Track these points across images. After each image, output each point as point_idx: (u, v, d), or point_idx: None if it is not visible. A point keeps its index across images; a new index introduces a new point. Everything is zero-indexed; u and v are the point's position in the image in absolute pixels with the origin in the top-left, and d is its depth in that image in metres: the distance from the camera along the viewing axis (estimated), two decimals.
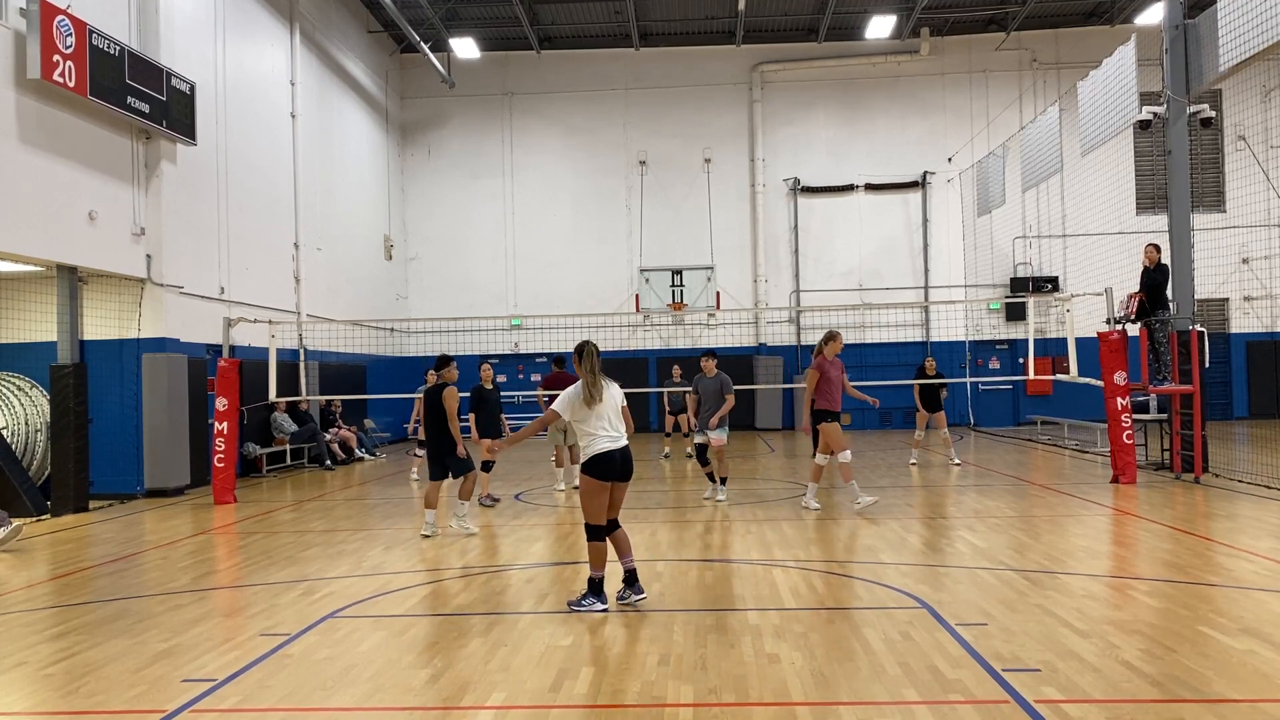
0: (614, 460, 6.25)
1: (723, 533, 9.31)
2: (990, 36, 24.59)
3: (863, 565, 7.63)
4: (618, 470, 6.28)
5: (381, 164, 24.10)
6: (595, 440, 6.27)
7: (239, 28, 16.37)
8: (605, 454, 6.24)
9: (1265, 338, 24.06)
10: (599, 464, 6.23)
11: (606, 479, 6.24)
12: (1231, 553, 7.70)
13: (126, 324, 13.61)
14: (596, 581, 6.30)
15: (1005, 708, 4.34)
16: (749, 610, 6.26)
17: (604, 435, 6.28)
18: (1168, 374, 12.89)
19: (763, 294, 24.93)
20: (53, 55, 11.03)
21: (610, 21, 24.14)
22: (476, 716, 4.44)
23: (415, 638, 5.79)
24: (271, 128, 17.68)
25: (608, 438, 6.28)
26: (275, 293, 17.50)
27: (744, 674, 4.91)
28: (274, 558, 8.64)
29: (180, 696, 4.79)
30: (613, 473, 6.25)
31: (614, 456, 6.25)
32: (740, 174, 25.33)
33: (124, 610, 6.69)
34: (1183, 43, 12.68)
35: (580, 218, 25.49)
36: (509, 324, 24.68)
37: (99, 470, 12.80)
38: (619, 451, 6.29)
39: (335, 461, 17.56)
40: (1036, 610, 6.00)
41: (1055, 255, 24.36)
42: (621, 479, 6.35)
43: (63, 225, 11.79)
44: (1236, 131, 23.54)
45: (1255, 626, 5.52)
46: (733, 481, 13.61)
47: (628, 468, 6.36)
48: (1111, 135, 14.11)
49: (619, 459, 6.28)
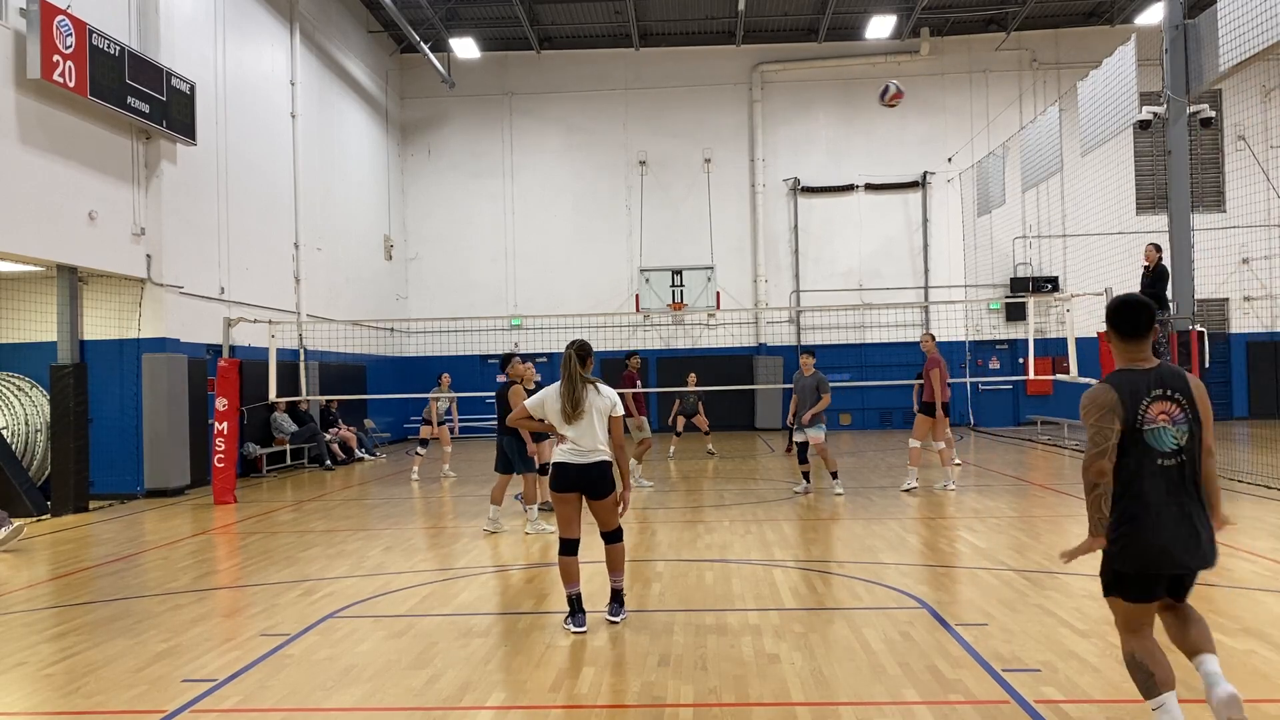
0: (568, 473, 5.82)
1: (723, 533, 9.31)
2: (990, 36, 24.59)
3: (863, 565, 7.63)
4: (571, 483, 5.82)
5: (381, 164, 24.10)
6: (560, 447, 5.90)
7: (239, 28, 16.37)
8: (560, 464, 5.85)
9: (1265, 338, 24.06)
10: (554, 471, 5.88)
11: (559, 489, 5.85)
12: (1231, 553, 7.69)
13: (126, 324, 13.61)
14: (569, 598, 5.86)
15: (1005, 708, 4.35)
16: (749, 610, 6.26)
17: (569, 446, 5.83)
18: None
19: (763, 294, 24.93)
20: (53, 55, 11.02)
21: (610, 21, 24.13)
22: (476, 716, 4.44)
23: (415, 638, 5.79)
24: (271, 128, 17.67)
25: (573, 449, 5.82)
26: (275, 293, 17.50)
27: (744, 674, 4.91)
28: (274, 558, 8.64)
29: (180, 696, 4.79)
30: (565, 484, 5.83)
31: (568, 470, 5.81)
32: (740, 174, 25.33)
33: (124, 610, 6.69)
34: (1183, 43, 12.68)
35: (580, 218, 25.49)
36: (509, 324, 24.68)
37: (99, 470, 12.80)
38: (576, 468, 5.80)
39: (335, 461, 17.56)
40: (1036, 610, 6.00)
41: (1055, 255, 24.35)
42: (584, 493, 5.86)
43: (63, 225, 11.78)
44: (1236, 131, 23.53)
45: (1255, 626, 5.52)
46: (732, 481, 13.62)
47: (589, 484, 5.82)
48: (1111, 135, 14.11)
49: (574, 474, 5.80)
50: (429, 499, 12.77)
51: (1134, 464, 3.72)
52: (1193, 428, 3.75)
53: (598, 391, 5.89)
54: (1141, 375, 3.81)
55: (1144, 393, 3.76)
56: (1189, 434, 3.74)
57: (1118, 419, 3.73)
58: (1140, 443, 3.72)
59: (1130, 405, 3.74)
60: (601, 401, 5.87)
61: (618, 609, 5.97)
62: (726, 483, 13.53)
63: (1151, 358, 3.89)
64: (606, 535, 5.98)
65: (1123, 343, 3.93)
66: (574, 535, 5.91)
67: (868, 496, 11.71)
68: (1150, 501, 3.69)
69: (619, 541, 6.01)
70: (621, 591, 6.04)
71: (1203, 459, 3.80)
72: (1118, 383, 3.81)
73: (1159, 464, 3.71)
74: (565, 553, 5.90)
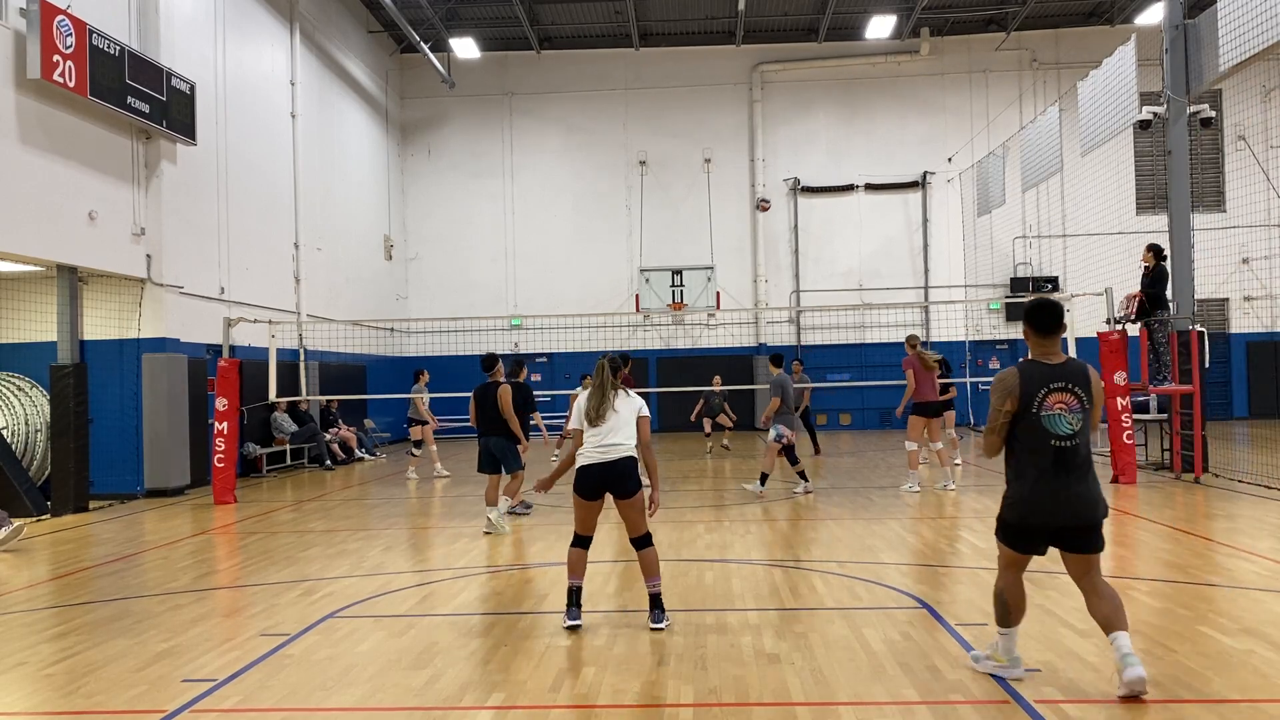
0: (591, 475, 5.86)
1: (723, 533, 9.31)
2: (990, 36, 24.59)
3: (863, 565, 7.63)
4: (595, 486, 5.86)
5: (381, 164, 24.10)
6: (581, 451, 5.97)
7: (239, 28, 16.37)
8: (583, 467, 5.91)
9: (1265, 338, 24.06)
10: (578, 475, 5.93)
11: (584, 494, 5.90)
12: (1231, 553, 7.70)
13: (126, 324, 13.61)
14: (569, 589, 5.90)
15: (1005, 708, 4.35)
16: (749, 610, 6.26)
17: (590, 447, 5.91)
18: (1168, 374, 12.89)
19: (763, 294, 24.94)
20: (53, 55, 11.03)
21: (610, 21, 24.13)
22: (476, 716, 4.44)
23: (415, 638, 5.79)
24: (271, 128, 17.67)
25: (595, 449, 5.88)
26: (275, 293, 17.50)
27: (744, 674, 4.91)
28: (274, 558, 8.64)
29: (180, 696, 4.79)
30: (589, 488, 5.87)
31: (591, 472, 5.86)
32: (740, 174, 25.33)
33: (124, 610, 6.69)
34: (1183, 43, 12.69)
35: (580, 218, 25.50)
36: (509, 324, 24.68)
37: (99, 470, 12.80)
38: (599, 467, 5.84)
39: (335, 461, 17.56)
40: (1036, 610, 6.00)
41: (1055, 255, 24.36)
42: (611, 492, 5.88)
43: (63, 225, 11.78)
44: (1236, 131, 23.54)
45: (1255, 626, 5.52)
46: (732, 481, 13.61)
47: (614, 482, 5.83)
48: (1111, 135, 14.11)
49: (597, 474, 5.84)
50: (429, 499, 12.77)
51: (1031, 441, 4.43)
52: (1085, 418, 4.43)
53: (627, 395, 6.07)
54: (1047, 368, 4.46)
55: (1044, 383, 4.42)
56: (1083, 422, 4.43)
57: (1011, 401, 4.44)
58: (1037, 424, 4.41)
59: (1027, 391, 4.42)
60: (629, 405, 6.02)
61: (660, 615, 5.85)
62: (727, 482, 13.53)
63: (1059, 354, 4.53)
64: (636, 541, 5.93)
65: (1035, 338, 4.55)
66: (588, 532, 6.00)
67: (868, 496, 11.71)
68: (1039, 471, 4.42)
69: (650, 546, 5.95)
70: (659, 596, 5.93)
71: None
72: (1023, 370, 4.48)
73: (1052, 444, 4.40)
74: (577, 544, 5.97)
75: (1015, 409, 4.44)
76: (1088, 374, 4.50)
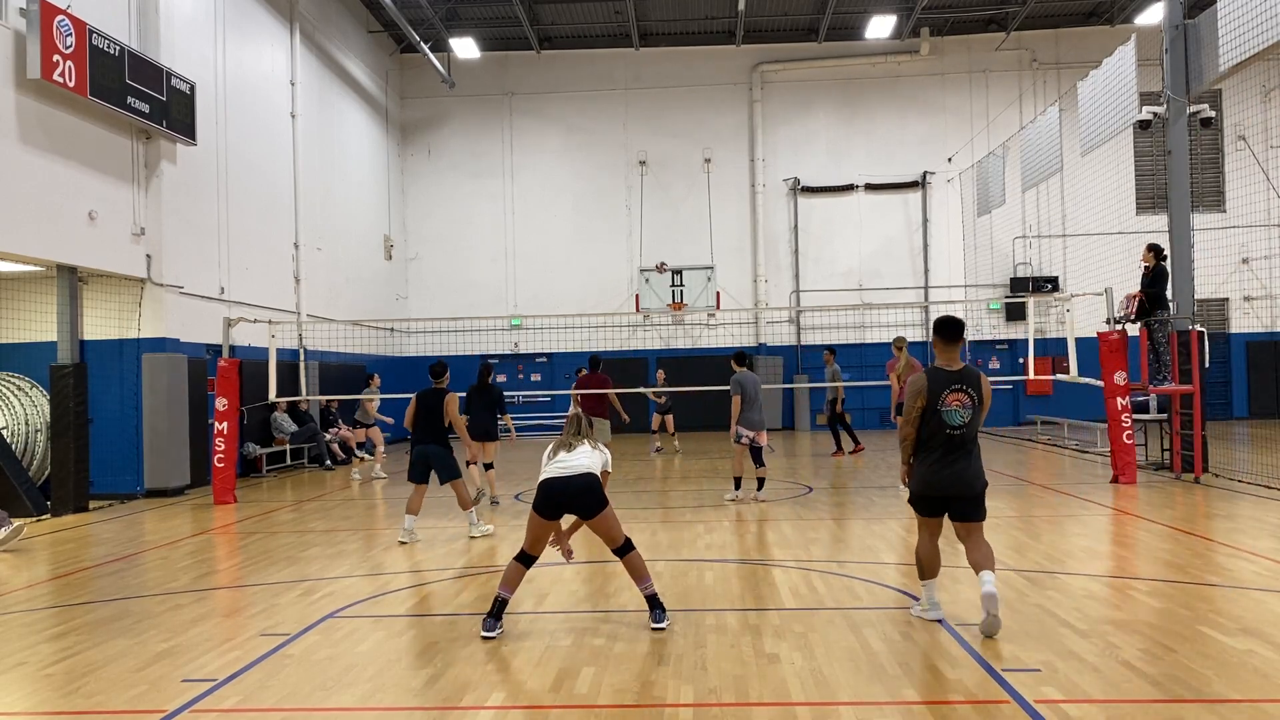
0: (553, 490, 5.77)
1: (723, 533, 9.31)
2: (990, 36, 24.59)
3: (863, 565, 7.63)
4: (556, 506, 5.77)
5: (381, 164, 24.10)
6: (546, 466, 5.94)
7: (239, 28, 16.37)
8: (545, 481, 5.85)
9: (1265, 338, 24.06)
10: (540, 491, 5.85)
11: (543, 514, 5.80)
12: (1231, 553, 7.70)
13: (126, 324, 13.61)
14: (495, 599, 5.78)
15: (1005, 708, 4.35)
16: (749, 610, 6.26)
17: (555, 463, 5.90)
18: (1168, 374, 12.88)
19: (763, 294, 24.94)
20: (53, 55, 11.03)
21: (610, 21, 24.13)
22: (476, 716, 4.44)
23: (415, 638, 5.79)
24: (271, 128, 17.67)
25: (559, 465, 5.86)
26: (275, 293, 17.50)
27: (744, 674, 4.91)
28: (274, 558, 8.64)
29: (180, 696, 4.79)
30: (550, 507, 5.78)
31: (553, 487, 5.78)
32: (740, 174, 25.33)
33: (124, 610, 6.69)
34: (1183, 43, 12.69)
35: (580, 218, 25.50)
36: (509, 324, 24.69)
37: (99, 470, 12.80)
38: (560, 482, 5.77)
39: (335, 461, 17.56)
40: (1036, 610, 6.01)
41: (1055, 255, 24.36)
42: (575, 514, 5.84)
43: (63, 225, 11.78)
44: (1236, 131, 23.53)
45: (1255, 626, 5.52)
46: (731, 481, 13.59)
47: (577, 500, 5.76)
48: (1111, 135, 14.11)
49: (558, 490, 5.75)
50: (429, 499, 12.74)
51: (933, 428, 5.58)
52: (975, 412, 5.59)
53: (595, 448, 6.04)
54: (947, 373, 5.62)
55: (945, 385, 5.57)
56: (973, 415, 5.58)
57: (921, 399, 5.58)
58: (938, 417, 5.57)
59: (933, 391, 5.56)
60: (595, 457, 5.97)
61: (660, 614, 5.83)
62: (727, 482, 13.52)
63: (958, 361, 5.70)
64: (617, 551, 5.91)
65: (942, 347, 5.70)
66: (535, 553, 5.91)
67: (868, 496, 11.71)
68: (938, 453, 5.59)
69: (632, 550, 5.92)
70: (656, 596, 5.91)
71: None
72: (930, 375, 5.63)
73: (948, 432, 5.57)
74: (520, 560, 5.88)
75: (925, 405, 5.56)
76: (979, 378, 5.65)
